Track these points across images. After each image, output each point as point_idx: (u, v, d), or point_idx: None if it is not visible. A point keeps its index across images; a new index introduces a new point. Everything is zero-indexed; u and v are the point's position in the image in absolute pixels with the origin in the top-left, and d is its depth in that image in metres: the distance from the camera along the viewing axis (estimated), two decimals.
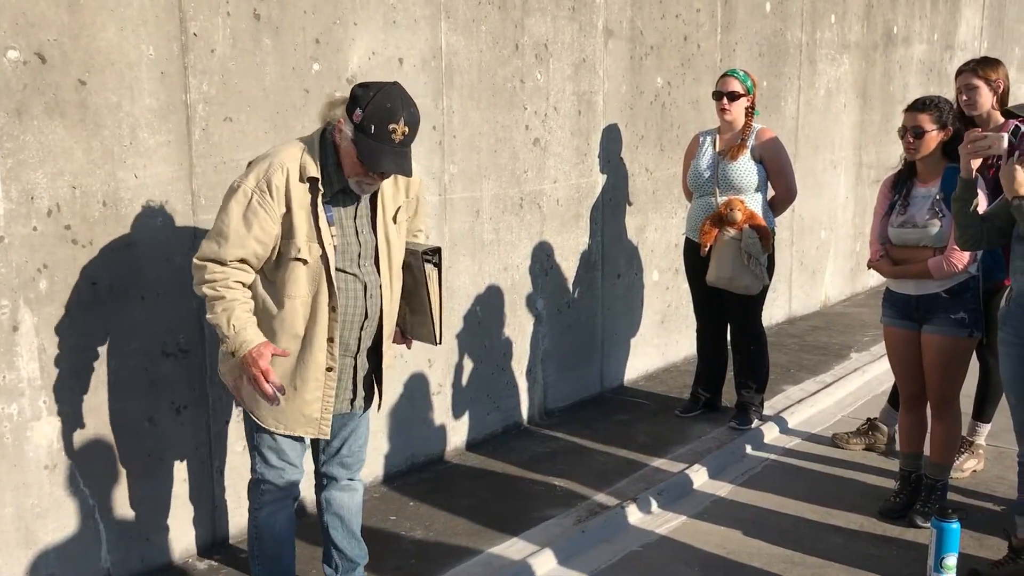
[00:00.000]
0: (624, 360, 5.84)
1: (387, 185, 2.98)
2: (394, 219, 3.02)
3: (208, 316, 2.84)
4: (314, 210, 2.82)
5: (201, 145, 3.51)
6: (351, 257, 2.92)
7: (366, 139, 2.73)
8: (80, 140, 3.17)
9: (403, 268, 3.09)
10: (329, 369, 2.93)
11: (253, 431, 3.05)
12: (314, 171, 2.80)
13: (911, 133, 3.81)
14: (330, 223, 2.85)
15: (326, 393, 2.96)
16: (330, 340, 2.91)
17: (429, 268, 3.09)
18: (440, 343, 3.19)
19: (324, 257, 2.84)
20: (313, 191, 2.82)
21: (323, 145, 2.86)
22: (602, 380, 5.69)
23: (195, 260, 2.85)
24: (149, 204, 3.39)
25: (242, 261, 2.82)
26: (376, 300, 2.99)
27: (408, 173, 2.84)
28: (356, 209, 2.94)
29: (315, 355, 2.91)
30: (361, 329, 2.98)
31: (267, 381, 2.81)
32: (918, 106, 3.82)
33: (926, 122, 3.78)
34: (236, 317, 2.80)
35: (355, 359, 3.02)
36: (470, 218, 4.66)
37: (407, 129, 2.75)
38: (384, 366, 3.13)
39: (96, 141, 3.21)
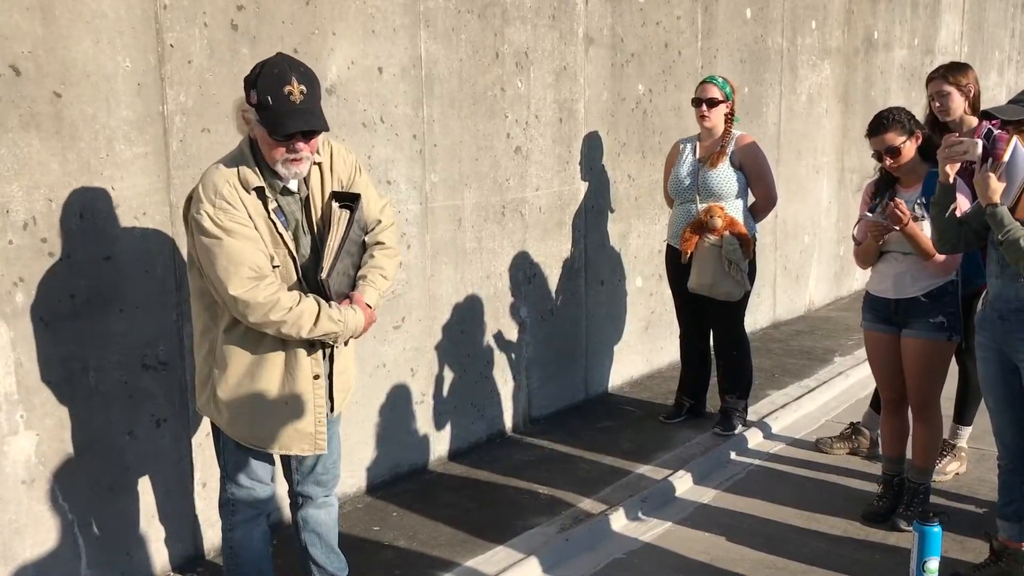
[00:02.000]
0: (608, 367, 5.85)
1: (315, 181, 2.91)
2: None
3: (307, 334, 2.76)
4: (269, 217, 2.78)
5: (179, 156, 3.50)
6: (309, 259, 2.89)
7: (268, 112, 2.67)
8: (56, 153, 3.15)
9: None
10: (316, 377, 2.90)
11: (222, 450, 3.01)
12: (256, 180, 2.76)
13: (888, 154, 3.82)
14: (285, 227, 2.82)
15: (316, 403, 2.92)
16: (311, 345, 2.88)
17: (341, 211, 2.92)
18: (325, 275, 2.87)
19: (292, 261, 2.82)
20: (262, 199, 2.78)
21: (254, 153, 2.81)
22: (586, 387, 5.69)
23: (237, 296, 2.69)
24: (127, 216, 3.37)
25: (272, 267, 2.75)
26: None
27: (319, 127, 2.72)
28: (299, 211, 2.90)
29: (300, 364, 2.87)
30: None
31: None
32: (880, 128, 3.81)
33: (895, 139, 3.79)
34: (330, 310, 2.79)
35: (330, 364, 3.00)
36: (452, 227, 4.66)
37: (303, 87, 2.68)
38: (337, 371, 3.04)
39: (72, 153, 3.20)
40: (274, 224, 2.78)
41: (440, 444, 4.79)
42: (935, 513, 3.40)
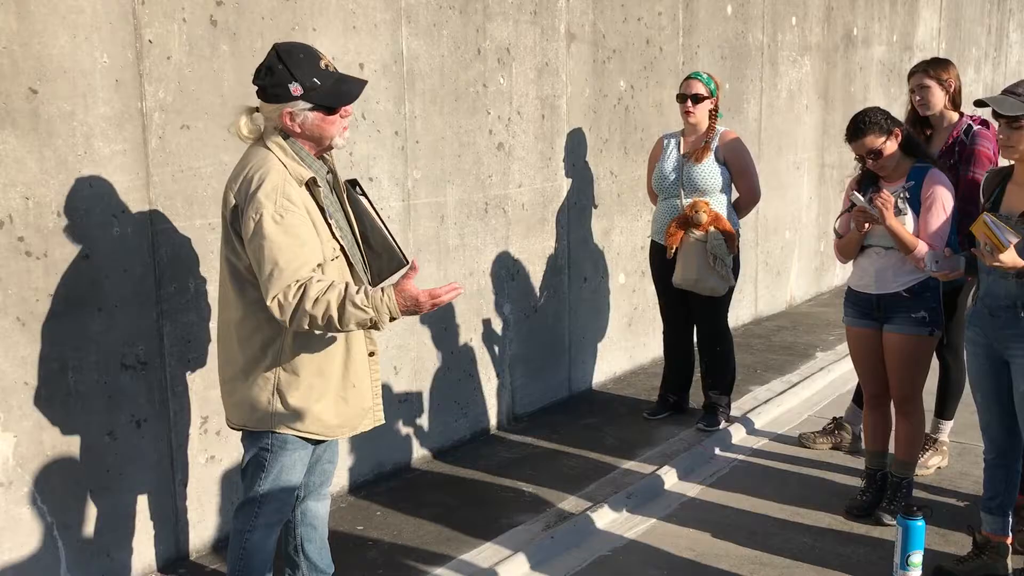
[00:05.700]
0: (592, 363, 5.84)
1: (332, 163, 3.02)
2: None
3: (341, 327, 2.64)
4: (320, 208, 2.80)
5: (158, 154, 3.46)
6: (350, 243, 2.94)
7: (322, 91, 2.71)
8: (32, 150, 3.10)
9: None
10: (371, 354, 2.99)
11: (271, 450, 2.89)
12: (307, 172, 2.77)
13: (870, 157, 3.83)
14: (330, 216, 2.85)
15: (373, 378, 3.02)
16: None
17: (361, 197, 3.09)
18: (409, 260, 3.02)
19: (342, 249, 2.85)
20: (313, 191, 2.79)
21: (292, 147, 2.80)
22: (570, 384, 5.68)
23: (272, 303, 2.63)
24: (105, 214, 3.32)
25: (332, 259, 2.79)
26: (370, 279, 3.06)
27: (362, 82, 2.83)
28: (331, 193, 2.94)
29: (358, 345, 2.92)
30: None
31: (440, 296, 2.65)
32: (859, 133, 3.82)
33: (875, 141, 3.80)
34: (357, 297, 2.61)
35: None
36: (435, 224, 4.63)
37: (327, 57, 2.78)
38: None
39: (49, 151, 3.15)
40: (324, 213, 2.80)
41: (424, 442, 4.76)
42: (918, 507, 3.42)
